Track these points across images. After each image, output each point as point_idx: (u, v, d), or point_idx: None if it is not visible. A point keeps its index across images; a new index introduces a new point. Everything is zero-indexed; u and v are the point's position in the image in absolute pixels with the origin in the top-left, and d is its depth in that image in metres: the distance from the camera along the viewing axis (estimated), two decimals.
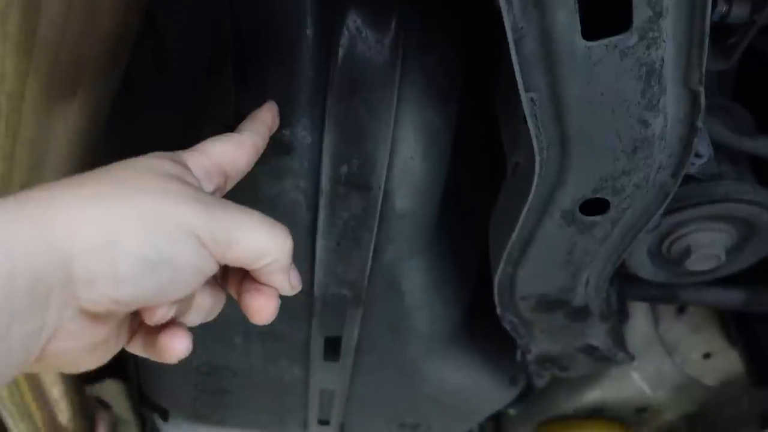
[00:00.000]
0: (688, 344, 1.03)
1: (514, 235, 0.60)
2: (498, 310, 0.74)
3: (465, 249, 0.82)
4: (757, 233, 0.69)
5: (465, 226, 0.79)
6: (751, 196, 0.64)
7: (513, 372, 1.11)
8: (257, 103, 0.56)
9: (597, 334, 0.81)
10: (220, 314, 0.88)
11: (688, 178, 0.66)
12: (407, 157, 0.61)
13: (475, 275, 0.89)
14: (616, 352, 0.85)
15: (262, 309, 0.44)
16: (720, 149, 0.67)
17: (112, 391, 1.39)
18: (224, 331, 0.91)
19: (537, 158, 0.51)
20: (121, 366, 1.30)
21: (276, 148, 0.59)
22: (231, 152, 0.45)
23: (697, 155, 0.53)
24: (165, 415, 1.43)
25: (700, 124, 0.47)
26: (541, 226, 0.59)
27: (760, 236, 0.69)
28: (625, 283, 0.81)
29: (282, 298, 0.88)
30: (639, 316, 1.01)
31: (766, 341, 0.87)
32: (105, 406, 1.41)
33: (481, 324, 1.00)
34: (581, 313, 0.75)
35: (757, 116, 0.71)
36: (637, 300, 0.85)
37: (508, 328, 0.78)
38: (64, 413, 1.01)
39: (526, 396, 1.26)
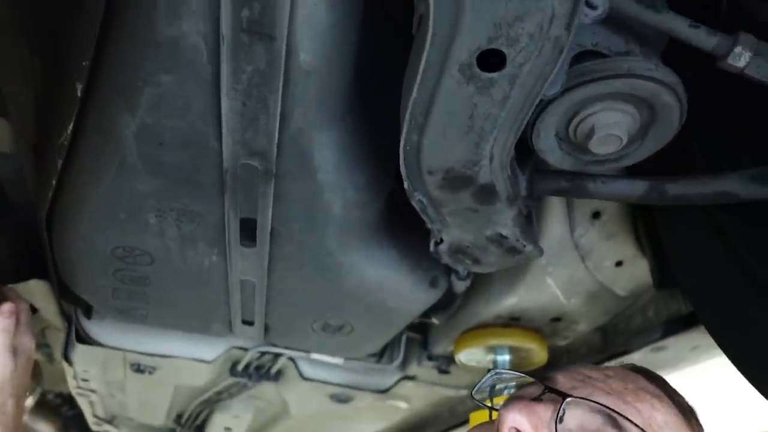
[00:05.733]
0: (601, 251, 1.06)
1: (414, 93, 0.60)
2: (405, 185, 0.75)
3: (383, 130, 0.81)
4: (659, 118, 0.70)
5: (384, 104, 0.78)
6: (653, 73, 0.64)
7: (433, 275, 1.13)
8: None
9: (505, 222, 0.82)
10: (131, 190, 0.86)
11: (595, 54, 0.67)
12: (311, 3, 0.59)
13: (394, 164, 0.89)
14: (524, 244, 0.87)
15: None
16: (631, 31, 0.68)
17: (38, 293, 1.35)
18: (136, 209, 0.89)
19: None
20: (45, 265, 1.24)
21: None
22: None
23: (590, 5, 0.53)
24: (88, 312, 1.41)
25: None
26: (441, 84, 0.59)
27: (662, 120, 0.70)
28: (534, 175, 0.83)
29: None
30: (554, 220, 1.03)
31: (669, 243, 0.90)
32: (33, 311, 1.36)
33: (399, 221, 1.01)
34: (488, 194, 0.76)
35: None
36: (547, 193, 0.86)
37: (417, 208, 0.79)
38: None
39: (449, 304, 1.29)
